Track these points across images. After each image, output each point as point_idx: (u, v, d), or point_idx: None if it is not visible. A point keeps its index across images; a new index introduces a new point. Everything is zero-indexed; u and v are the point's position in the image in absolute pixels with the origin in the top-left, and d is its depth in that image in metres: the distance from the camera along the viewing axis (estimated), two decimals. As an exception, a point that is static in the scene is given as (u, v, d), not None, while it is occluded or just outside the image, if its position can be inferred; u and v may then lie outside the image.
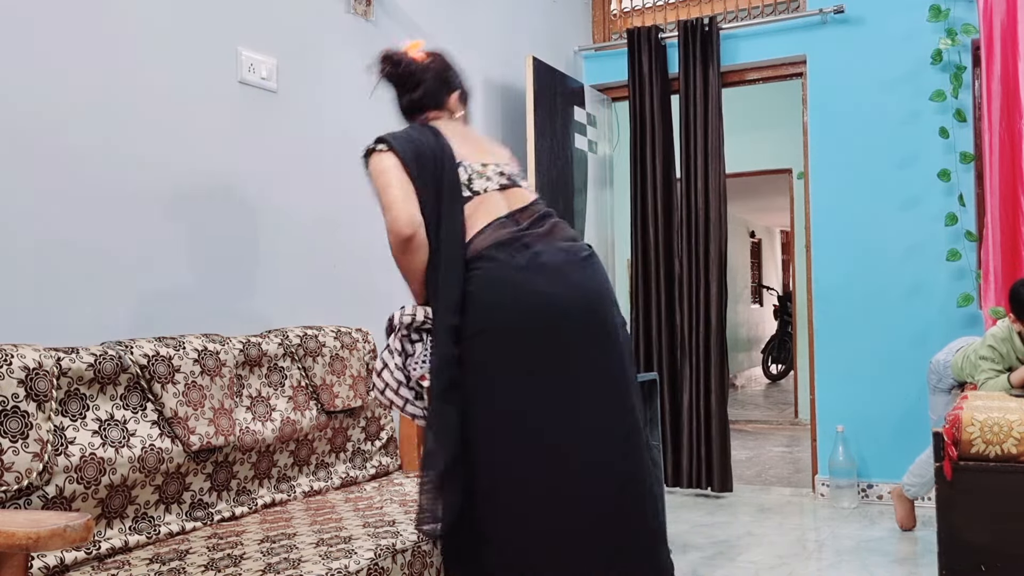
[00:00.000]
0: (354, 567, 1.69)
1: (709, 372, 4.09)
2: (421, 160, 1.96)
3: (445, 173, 1.96)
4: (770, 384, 9.73)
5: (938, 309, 3.75)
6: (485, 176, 2.01)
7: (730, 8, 4.34)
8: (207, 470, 2.07)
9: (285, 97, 2.72)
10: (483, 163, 2.03)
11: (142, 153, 2.26)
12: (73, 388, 1.82)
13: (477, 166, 2.01)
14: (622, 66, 4.40)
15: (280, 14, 2.72)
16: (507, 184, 2.03)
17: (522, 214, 2.00)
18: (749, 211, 10.62)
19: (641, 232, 4.29)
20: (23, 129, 1.99)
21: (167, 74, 2.33)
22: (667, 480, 4.15)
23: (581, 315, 1.91)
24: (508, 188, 2.03)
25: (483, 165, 2.03)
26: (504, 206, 1.99)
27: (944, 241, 3.74)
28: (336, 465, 2.51)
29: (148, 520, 1.92)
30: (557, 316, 1.88)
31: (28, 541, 1.15)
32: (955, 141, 3.71)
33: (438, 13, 3.50)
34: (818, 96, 4.04)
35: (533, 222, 1.99)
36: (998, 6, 3.51)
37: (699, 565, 3.03)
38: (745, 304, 11.01)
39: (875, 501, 3.87)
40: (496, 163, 2.06)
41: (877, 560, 3.03)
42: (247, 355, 2.25)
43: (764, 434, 6.18)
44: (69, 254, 2.07)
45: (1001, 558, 2.26)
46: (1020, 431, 2.29)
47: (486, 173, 2.02)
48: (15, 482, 1.64)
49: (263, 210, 2.62)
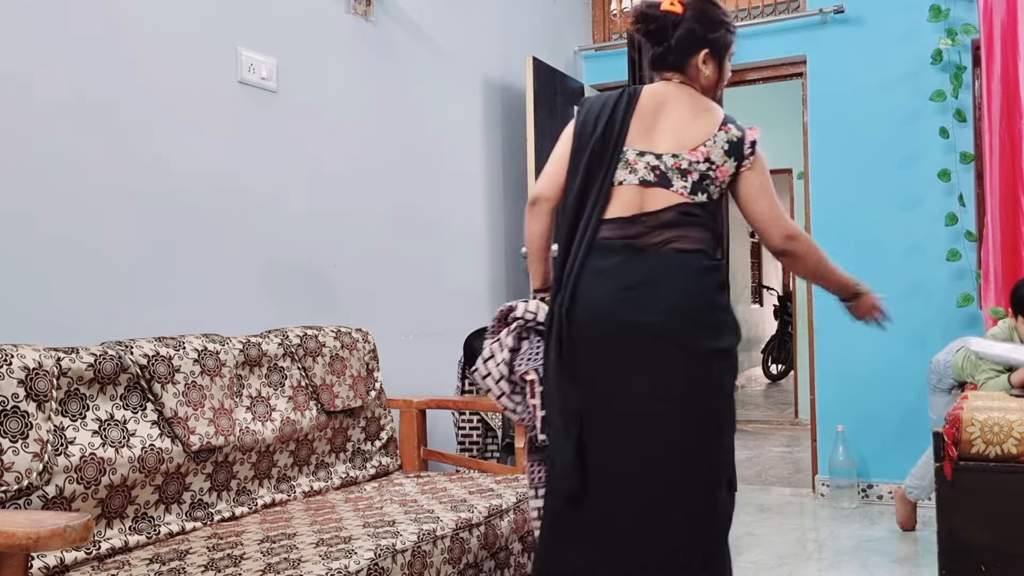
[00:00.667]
0: (354, 567, 1.69)
1: (709, 372, 4.08)
2: (583, 135, 1.94)
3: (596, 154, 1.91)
4: (770, 384, 9.72)
5: (938, 309, 3.75)
6: (632, 168, 1.89)
7: (730, 8, 4.34)
8: (207, 470, 2.07)
9: (285, 97, 2.72)
10: (641, 151, 1.90)
11: (142, 153, 2.26)
12: (73, 388, 1.82)
13: (632, 154, 1.90)
14: (622, 66, 4.39)
15: (280, 14, 2.72)
16: (651, 182, 1.88)
17: (645, 218, 1.88)
18: (749, 211, 10.60)
19: (641, 232, 4.28)
20: (23, 129, 1.99)
21: (167, 74, 2.33)
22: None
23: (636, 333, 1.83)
24: (650, 187, 1.88)
25: (639, 154, 1.90)
26: (635, 204, 1.88)
27: (944, 241, 3.74)
28: (336, 465, 2.51)
29: (148, 520, 1.92)
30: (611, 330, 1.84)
31: (28, 541, 1.14)
32: (955, 141, 3.71)
33: (438, 13, 3.50)
34: (818, 96, 4.04)
35: (648, 230, 1.87)
36: (998, 6, 3.51)
37: (699, 565, 3.03)
38: (745, 304, 11.00)
39: (875, 501, 3.86)
40: (660, 153, 1.90)
41: (877, 560, 3.02)
42: (247, 355, 2.25)
43: (764, 434, 6.18)
44: (69, 254, 2.07)
45: (1001, 558, 2.26)
46: (1020, 431, 2.29)
47: (636, 165, 1.89)
48: (15, 482, 1.64)
49: (263, 209, 2.62)
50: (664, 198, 1.88)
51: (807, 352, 4.18)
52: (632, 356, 1.83)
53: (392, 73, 3.22)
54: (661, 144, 1.92)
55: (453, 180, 3.58)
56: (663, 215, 1.88)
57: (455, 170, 3.60)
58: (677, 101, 1.96)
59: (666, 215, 1.88)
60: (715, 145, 1.92)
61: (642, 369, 1.82)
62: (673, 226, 1.87)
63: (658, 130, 1.93)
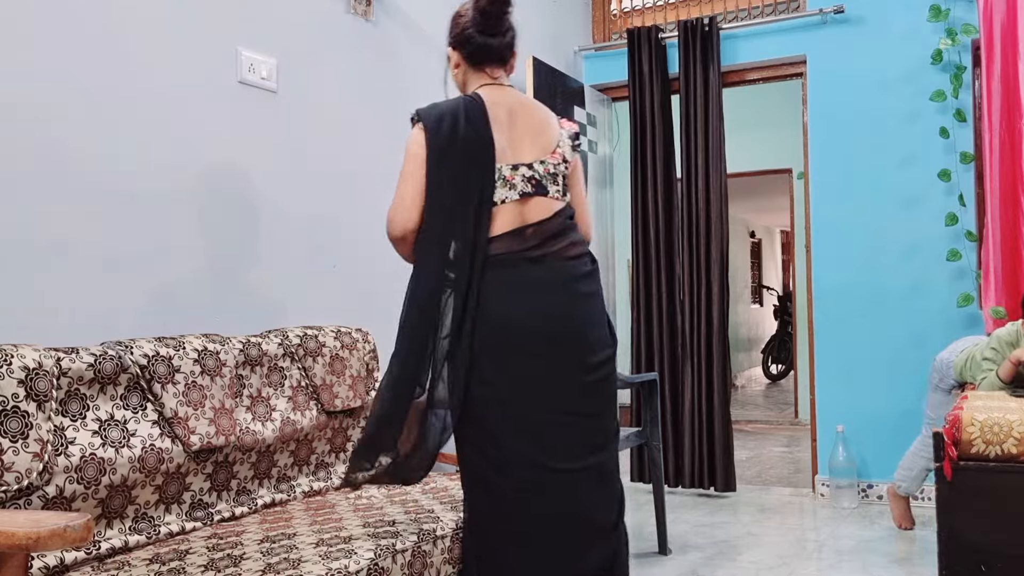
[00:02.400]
0: (354, 567, 1.69)
1: (711, 372, 4.09)
2: (450, 153, 1.89)
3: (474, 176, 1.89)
4: (770, 384, 9.73)
5: (939, 309, 3.75)
6: (510, 184, 1.91)
7: (730, 8, 4.34)
8: (207, 470, 2.07)
9: (285, 97, 2.72)
10: (514, 165, 1.92)
11: (142, 153, 2.26)
12: (73, 388, 1.82)
13: (507, 170, 1.91)
14: (622, 66, 4.40)
15: (280, 14, 2.72)
16: (530, 193, 1.92)
17: (537, 229, 1.92)
18: (749, 211, 10.62)
19: (642, 232, 4.29)
20: (23, 129, 1.99)
21: (167, 74, 2.34)
22: (668, 480, 4.15)
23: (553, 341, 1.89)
24: (530, 198, 1.92)
25: (513, 169, 1.92)
26: (519, 217, 1.91)
27: (944, 241, 3.74)
28: (336, 465, 2.51)
29: (148, 520, 1.92)
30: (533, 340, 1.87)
31: (28, 541, 1.15)
32: (955, 141, 3.71)
33: (438, 13, 3.49)
34: (818, 96, 4.04)
35: (543, 241, 1.92)
36: (998, 6, 3.51)
37: (699, 565, 3.03)
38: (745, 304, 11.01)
39: (875, 501, 3.86)
40: (528, 163, 1.94)
41: (877, 560, 3.02)
42: (247, 355, 2.25)
43: (764, 434, 6.18)
44: (69, 254, 2.07)
45: (1001, 558, 2.26)
46: (1020, 431, 2.29)
47: (513, 180, 1.92)
48: (15, 482, 1.64)
49: (263, 210, 2.62)
50: (545, 206, 1.93)
51: (807, 352, 4.18)
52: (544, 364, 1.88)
53: (392, 73, 3.22)
54: (528, 153, 1.95)
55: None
56: (549, 225, 1.92)
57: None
58: (521, 106, 2.00)
59: (552, 224, 1.93)
60: (564, 143, 2.01)
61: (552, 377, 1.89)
62: (560, 235, 1.93)
63: (519, 139, 1.95)
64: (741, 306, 10.57)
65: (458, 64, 2.06)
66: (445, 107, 1.94)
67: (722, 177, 4.12)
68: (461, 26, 2.02)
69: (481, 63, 2.02)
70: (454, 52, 2.05)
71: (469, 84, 2.06)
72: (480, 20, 1.98)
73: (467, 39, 2.00)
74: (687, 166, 4.18)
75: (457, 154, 1.89)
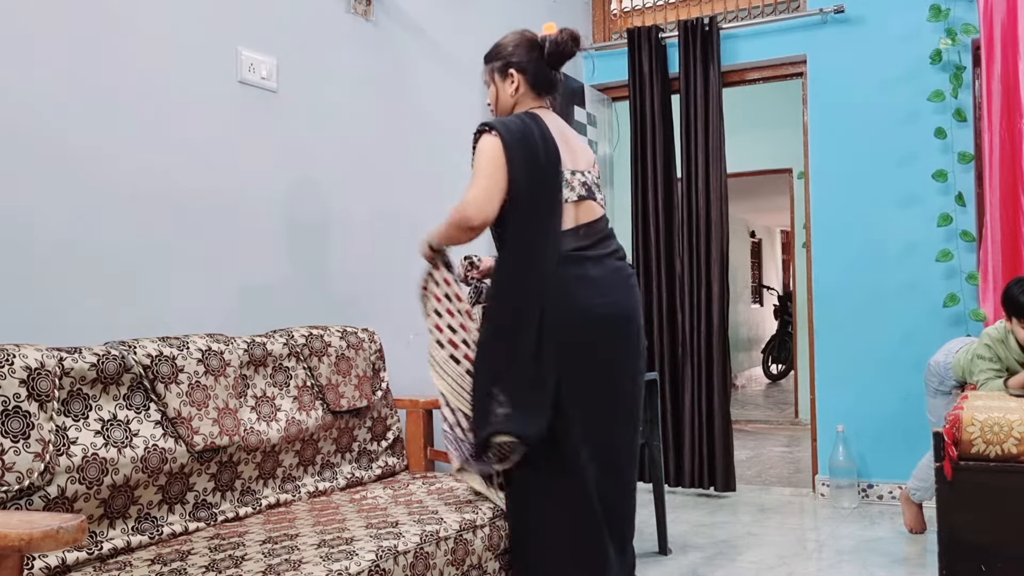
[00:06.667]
0: (355, 569, 1.69)
1: (711, 372, 4.10)
2: (529, 157, 2.07)
3: (550, 175, 2.09)
4: (770, 384, 9.73)
5: (939, 310, 3.75)
6: (571, 186, 2.13)
7: (730, 8, 4.35)
8: (211, 470, 2.07)
9: (285, 97, 2.72)
10: (573, 170, 2.14)
11: (143, 153, 2.26)
12: (76, 388, 1.82)
13: (567, 174, 2.13)
14: (622, 66, 4.40)
15: (280, 14, 2.72)
16: (584, 196, 2.14)
17: (588, 228, 2.13)
18: (749, 211, 10.62)
19: (642, 232, 4.29)
20: (24, 130, 1.99)
21: (167, 74, 2.33)
22: (668, 480, 4.15)
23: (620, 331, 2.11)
24: (583, 200, 2.14)
25: (572, 173, 2.13)
26: (572, 219, 2.11)
27: (944, 241, 3.75)
28: (341, 465, 2.51)
29: (151, 520, 1.92)
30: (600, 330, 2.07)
31: (21, 543, 1.14)
32: (955, 141, 3.71)
33: (438, 13, 3.50)
34: (818, 96, 4.05)
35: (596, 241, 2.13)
36: (998, 6, 3.51)
37: (699, 565, 3.03)
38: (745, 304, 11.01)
39: (875, 501, 3.87)
40: (582, 171, 2.17)
41: (877, 560, 3.03)
42: (252, 355, 2.25)
43: (764, 434, 6.18)
44: (70, 254, 2.07)
45: (1001, 558, 2.26)
46: (1020, 431, 2.29)
47: (572, 183, 2.13)
48: (16, 482, 1.64)
49: (263, 210, 2.62)
50: (592, 209, 2.17)
51: (807, 352, 4.18)
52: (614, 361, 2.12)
53: (392, 73, 3.22)
54: (580, 162, 2.19)
55: (454, 180, 3.57)
56: (596, 226, 2.15)
57: (456, 169, 3.60)
58: (567, 127, 2.25)
59: (598, 226, 2.16)
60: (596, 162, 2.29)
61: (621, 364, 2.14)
62: (608, 238, 2.17)
63: (573, 150, 2.18)
64: (741, 306, 10.58)
65: (519, 87, 2.23)
66: (510, 120, 2.13)
67: (722, 177, 4.12)
68: (535, 53, 2.22)
69: (540, 91, 2.24)
70: (518, 74, 2.22)
71: (520, 106, 2.24)
72: (555, 55, 2.22)
73: (537, 66, 2.22)
74: (687, 166, 4.18)
75: (534, 157, 2.08)
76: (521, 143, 2.06)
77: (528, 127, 2.10)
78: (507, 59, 2.24)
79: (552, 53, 2.21)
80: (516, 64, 2.23)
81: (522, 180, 2.05)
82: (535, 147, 2.08)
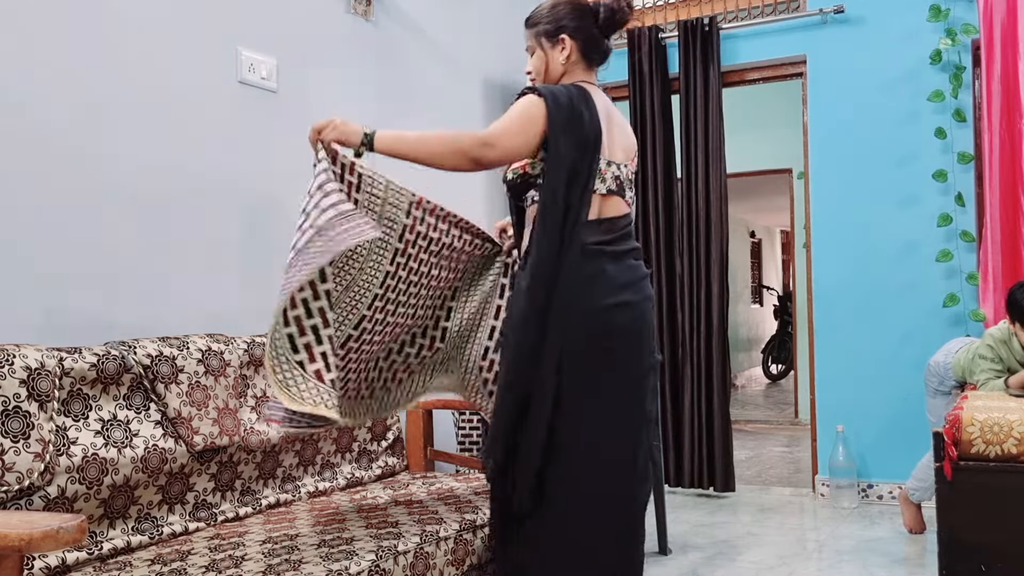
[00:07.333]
0: (355, 569, 1.69)
1: (711, 372, 4.10)
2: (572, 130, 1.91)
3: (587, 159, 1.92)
4: (770, 384, 9.73)
5: (939, 310, 3.75)
6: (603, 177, 1.96)
7: (730, 8, 4.34)
8: (211, 470, 2.07)
9: (285, 97, 2.72)
10: (609, 161, 1.98)
11: (143, 153, 2.26)
12: (76, 388, 1.82)
13: (603, 164, 1.96)
14: (622, 66, 4.40)
15: (280, 14, 2.72)
16: (613, 191, 1.98)
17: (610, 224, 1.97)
18: (749, 211, 10.62)
19: (642, 232, 4.29)
20: (25, 130, 1.99)
21: (167, 74, 2.34)
22: (668, 480, 4.15)
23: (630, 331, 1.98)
24: (611, 196, 1.98)
25: (607, 164, 1.97)
26: (596, 210, 1.95)
27: (944, 241, 3.75)
28: (341, 465, 2.51)
29: (151, 520, 1.92)
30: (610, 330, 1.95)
31: (21, 543, 1.14)
32: (954, 141, 3.71)
33: (438, 13, 3.50)
34: (818, 96, 4.05)
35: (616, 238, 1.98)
36: (998, 6, 3.51)
37: (699, 565, 3.03)
38: (745, 304, 11.01)
39: (875, 501, 3.87)
40: (618, 163, 2.00)
41: (877, 560, 3.03)
42: (252, 355, 2.25)
43: (764, 434, 6.18)
44: (70, 254, 2.07)
45: (1001, 558, 2.26)
46: (1020, 431, 2.29)
47: (605, 174, 1.97)
48: (16, 482, 1.64)
49: (263, 210, 2.62)
50: (618, 206, 2.00)
51: (807, 352, 4.18)
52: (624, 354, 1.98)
53: (392, 73, 3.22)
54: (618, 153, 2.01)
55: (454, 179, 3.57)
56: (618, 223, 1.99)
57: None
58: (614, 109, 2.06)
59: (620, 223, 1.99)
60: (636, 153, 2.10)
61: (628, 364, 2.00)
62: (628, 236, 2.01)
63: (614, 139, 2.00)
64: (741, 306, 10.58)
65: (570, 54, 2.05)
66: (558, 89, 1.95)
67: (722, 177, 4.12)
68: (588, 19, 2.05)
69: (591, 59, 2.08)
70: (571, 40, 2.04)
71: (568, 76, 2.07)
72: (609, 21, 2.05)
73: (590, 33, 2.05)
74: (687, 166, 4.18)
75: (576, 134, 1.90)
76: (568, 118, 1.90)
77: (577, 101, 1.93)
78: (559, 23, 2.04)
79: (607, 19, 2.04)
80: (570, 29, 2.04)
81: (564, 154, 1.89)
82: (581, 124, 1.91)
